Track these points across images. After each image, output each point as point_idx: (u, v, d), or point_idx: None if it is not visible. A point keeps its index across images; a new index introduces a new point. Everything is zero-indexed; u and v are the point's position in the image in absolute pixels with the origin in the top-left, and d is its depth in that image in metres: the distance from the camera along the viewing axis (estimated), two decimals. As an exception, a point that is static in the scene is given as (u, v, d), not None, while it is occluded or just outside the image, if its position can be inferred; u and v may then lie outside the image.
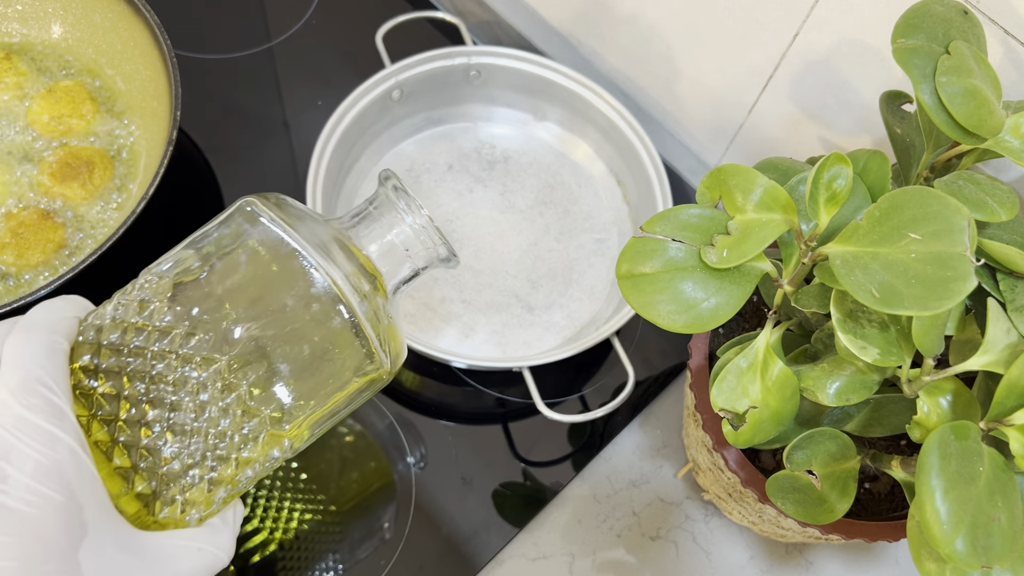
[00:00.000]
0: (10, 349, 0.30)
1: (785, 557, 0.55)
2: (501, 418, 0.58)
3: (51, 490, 0.28)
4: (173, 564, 0.31)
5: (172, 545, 0.32)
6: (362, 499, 0.54)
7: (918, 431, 0.33)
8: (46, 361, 0.30)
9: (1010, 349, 0.31)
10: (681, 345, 0.60)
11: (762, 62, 0.54)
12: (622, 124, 0.61)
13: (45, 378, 0.30)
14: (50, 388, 0.29)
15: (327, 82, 0.68)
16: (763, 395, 0.36)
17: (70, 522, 0.29)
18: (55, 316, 0.32)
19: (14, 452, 0.28)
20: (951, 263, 0.29)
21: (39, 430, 0.29)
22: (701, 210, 0.35)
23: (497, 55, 0.62)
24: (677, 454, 0.57)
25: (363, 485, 0.55)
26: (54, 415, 0.29)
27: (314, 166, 0.56)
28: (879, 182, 0.37)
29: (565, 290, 0.60)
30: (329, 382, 0.34)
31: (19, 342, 0.30)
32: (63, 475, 0.29)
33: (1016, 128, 0.36)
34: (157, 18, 0.57)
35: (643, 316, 0.34)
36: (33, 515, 0.28)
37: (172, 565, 0.31)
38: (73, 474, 0.29)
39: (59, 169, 0.57)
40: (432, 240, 0.37)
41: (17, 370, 0.29)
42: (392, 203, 0.37)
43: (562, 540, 0.54)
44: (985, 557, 0.29)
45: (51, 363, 0.30)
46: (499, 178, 0.64)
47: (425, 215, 0.37)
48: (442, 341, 0.58)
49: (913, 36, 0.36)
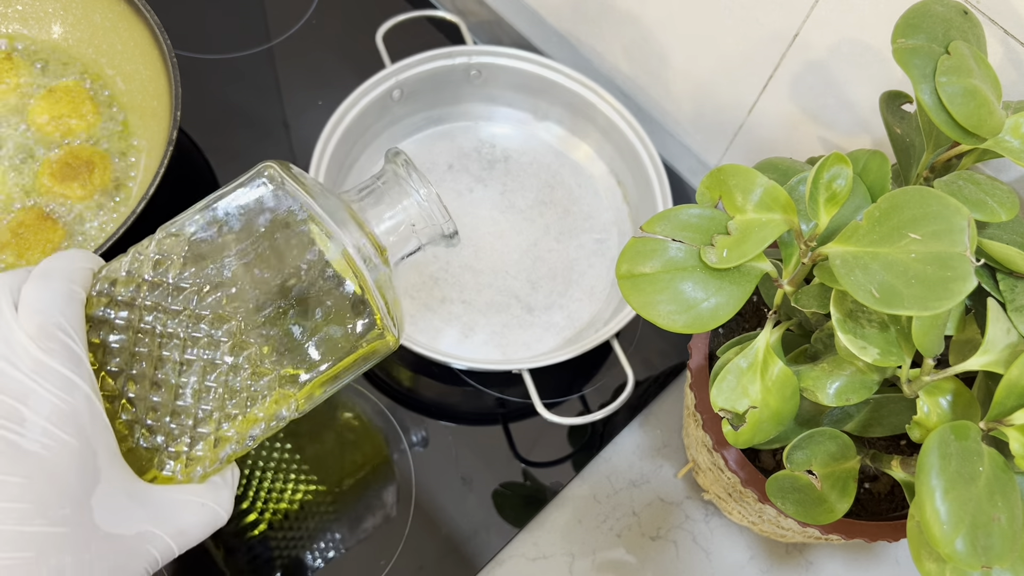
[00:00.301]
0: (30, 295, 0.30)
1: (785, 557, 0.55)
2: (501, 418, 0.58)
3: (67, 435, 0.28)
4: (178, 517, 0.32)
5: (177, 499, 0.32)
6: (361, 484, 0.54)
7: (918, 431, 0.33)
8: (65, 308, 0.30)
9: (1010, 349, 0.31)
10: (681, 345, 0.60)
11: (762, 62, 0.54)
12: (622, 124, 0.61)
13: (64, 324, 0.30)
14: (68, 334, 0.30)
15: (327, 82, 0.68)
16: (763, 395, 0.36)
17: (84, 468, 0.29)
18: (72, 265, 0.32)
19: (32, 396, 0.28)
20: (951, 263, 0.29)
21: (57, 375, 0.29)
22: (701, 210, 0.35)
23: (498, 55, 0.62)
24: (677, 454, 0.57)
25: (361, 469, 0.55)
26: (72, 361, 0.29)
27: (314, 166, 0.56)
28: (879, 182, 0.38)
29: (565, 290, 0.60)
30: (338, 346, 0.34)
31: (38, 288, 0.30)
32: (79, 421, 0.29)
33: (1016, 128, 0.36)
34: (157, 18, 0.57)
35: (643, 316, 0.34)
36: (49, 459, 0.28)
37: (177, 518, 0.32)
38: (88, 421, 0.29)
39: (59, 169, 0.57)
40: (438, 215, 0.38)
41: (37, 315, 0.30)
42: (401, 178, 0.38)
43: (562, 540, 0.54)
44: (985, 557, 0.29)
45: (69, 310, 0.30)
46: (499, 178, 0.64)
47: (433, 190, 0.38)
48: (442, 342, 0.58)
49: (913, 36, 0.36)
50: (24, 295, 0.30)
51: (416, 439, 0.56)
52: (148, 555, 0.30)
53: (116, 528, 0.29)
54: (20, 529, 0.27)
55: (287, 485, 0.54)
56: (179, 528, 0.32)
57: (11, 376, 0.28)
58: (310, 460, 0.55)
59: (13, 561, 0.27)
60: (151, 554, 0.31)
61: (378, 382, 0.58)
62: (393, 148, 0.39)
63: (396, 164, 0.38)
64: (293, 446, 0.55)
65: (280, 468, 0.54)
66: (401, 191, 0.38)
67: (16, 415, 0.28)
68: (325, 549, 0.52)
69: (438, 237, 0.39)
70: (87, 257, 0.33)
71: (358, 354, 0.35)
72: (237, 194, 0.35)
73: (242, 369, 0.33)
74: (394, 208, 0.38)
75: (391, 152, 0.39)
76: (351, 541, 0.53)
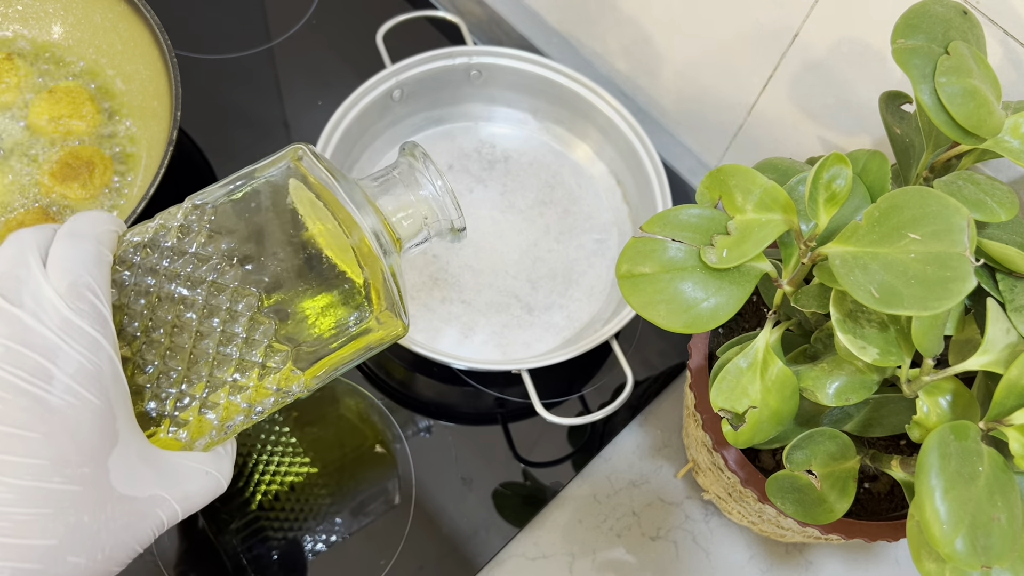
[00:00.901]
0: (60, 252, 0.31)
1: (785, 557, 0.55)
2: (501, 418, 0.58)
3: (91, 394, 0.29)
4: (185, 483, 0.32)
5: (186, 466, 0.32)
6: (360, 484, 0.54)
7: (918, 431, 0.33)
8: (94, 268, 0.31)
9: (1009, 349, 0.31)
10: (681, 345, 0.60)
11: (762, 62, 0.54)
12: (622, 124, 0.61)
13: (93, 284, 0.30)
14: (97, 295, 0.30)
15: (327, 82, 0.68)
16: (763, 395, 0.36)
17: (104, 428, 0.29)
18: (100, 227, 0.32)
19: (59, 353, 0.28)
20: (950, 263, 0.29)
21: (84, 335, 0.29)
22: (701, 210, 0.35)
23: (498, 55, 0.62)
24: (677, 454, 0.57)
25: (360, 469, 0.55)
26: (99, 322, 0.30)
27: (314, 166, 0.56)
28: (879, 182, 0.38)
29: (565, 291, 0.60)
30: (350, 329, 0.35)
31: (70, 247, 0.31)
32: (102, 381, 0.29)
33: (1015, 128, 0.36)
34: (157, 18, 0.57)
35: (643, 316, 0.34)
36: (72, 417, 0.28)
37: (184, 484, 0.32)
38: (111, 382, 0.30)
39: (59, 169, 0.57)
40: (451, 209, 0.39)
41: (68, 274, 0.30)
42: (416, 170, 0.39)
43: (562, 540, 0.54)
44: (985, 557, 0.29)
45: (98, 271, 0.31)
46: (499, 178, 0.64)
47: (448, 184, 0.38)
48: (442, 342, 0.58)
49: (913, 36, 0.36)
50: (54, 253, 0.31)
51: (416, 439, 0.56)
52: (156, 518, 0.31)
53: (130, 490, 0.30)
54: (38, 485, 0.27)
55: (285, 474, 0.54)
56: (185, 494, 0.32)
57: (40, 333, 0.28)
58: (308, 456, 0.55)
59: (30, 517, 0.27)
60: (159, 517, 0.31)
61: (378, 381, 0.58)
62: (410, 141, 0.40)
63: (413, 156, 0.39)
64: (292, 450, 0.55)
65: (279, 468, 0.54)
66: (416, 182, 0.39)
67: (43, 372, 0.28)
68: (325, 548, 0.52)
69: (446, 231, 0.40)
70: (112, 220, 0.34)
71: (369, 338, 0.36)
72: (266, 173, 0.36)
73: (257, 343, 0.34)
74: (408, 198, 0.39)
75: (408, 144, 0.39)
76: (350, 541, 0.53)
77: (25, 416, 0.28)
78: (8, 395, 0.28)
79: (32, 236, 0.31)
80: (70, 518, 0.28)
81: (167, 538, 0.52)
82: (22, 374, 0.28)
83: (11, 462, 0.27)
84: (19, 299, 0.29)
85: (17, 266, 0.30)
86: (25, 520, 0.27)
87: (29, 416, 0.28)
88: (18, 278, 0.29)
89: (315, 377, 0.35)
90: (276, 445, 0.55)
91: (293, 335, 0.34)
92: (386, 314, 0.36)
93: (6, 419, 0.27)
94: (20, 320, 0.28)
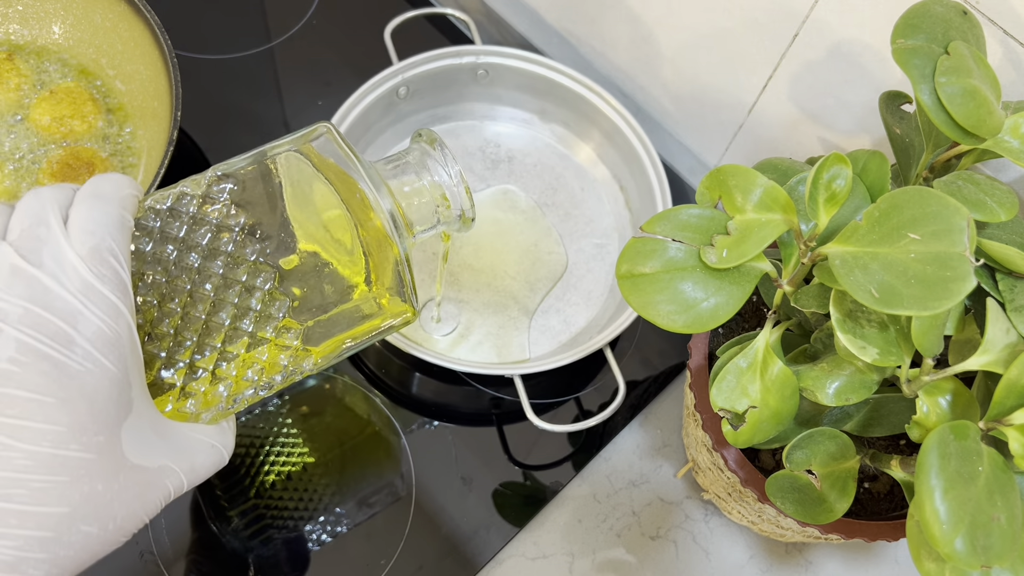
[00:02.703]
0: (82, 214, 0.30)
1: (785, 556, 0.55)
2: (496, 419, 0.58)
3: (109, 361, 0.28)
4: (193, 455, 0.32)
5: (193, 438, 0.32)
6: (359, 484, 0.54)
7: (917, 431, 0.33)
8: (116, 233, 0.30)
9: (1009, 349, 0.31)
10: (681, 345, 0.60)
11: (762, 62, 0.54)
12: (625, 128, 0.61)
13: (115, 249, 0.29)
14: (118, 260, 0.29)
15: (327, 82, 0.68)
16: (763, 395, 0.36)
17: (120, 396, 0.29)
18: (122, 191, 0.31)
19: (80, 318, 0.28)
20: (950, 263, 0.29)
21: (105, 300, 0.28)
22: (701, 210, 0.35)
23: (505, 55, 0.62)
24: (677, 454, 0.57)
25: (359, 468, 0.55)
26: (120, 288, 0.29)
27: (314, 166, 0.56)
28: (878, 182, 0.38)
29: (563, 294, 0.60)
30: (364, 308, 0.35)
31: (91, 209, 0.30)
32: (121, 348, 0.29)
33: (1015, 128, 0.36)
34: (157, 18, 0.57)
35: (643, 316, 0.34)
36: (91, 383, 0.28)
37: (192, 456, 0.32)
38: (128, 350, 0.29)
39: (59, 170, 0.57)
40: (463, 197, 0.39)
41: (90, 237, 0.29)
42: (430, 156, 0.38)
43: (562, 540, 0.54)
44: (984, 557, 0.29)
45: (120, 236, 0.30)
46: (503, 178, 0.64)
47: (460, 171, 0.38)
48: (438, 342, 0.58)
49: (913, 36, 0.36)
50: (76, 214, 0.30)
51: (416, 439, 0.56)
52: (164, 488, 0.31)
53: (142, 460, 0.29)
54: (55, 452, 0.27)
55: (287, 475, 0.54)
56: (192, 465, 0.32)
57: (60, 296, 0.28)
58: (308, 455, 0.55)
59: (47, 485, 0.27)
60: (167, 488, 0.31)
61: (378, 380, 0.58)
62: (422, 128, 0.40)
63: (427, 142, 0.39)
64: (292, 449, 0.55)
65: (280, 467, 0.54)
66: (429, 169, 0.38)
67: (64, 336, 0.27)
68: (325, 548, 0.52)
69: (456, 219, 0.40)
70: (132, 184, 0.33)
71: (381, 320, 0.36)
72: (291, 149, 0.36)
73: (271, 319, 0.33)
74: (420, 184, 0.38)
75: (423, 131, 0.39)
76: (351, 541, 0.53)
77: (44, 381, 0.27)
78: (27, 359, 0.27)
79: (52, 194, 0.30)
80: (84, 487, 0.28)
81: (167, 538, 0.52)
82: (42, 338, 0.27)
83: (29, 427, 0.27)
84: (39, 260, 0.28)
85: (37, 224, 0.29)
86: (42, 487, 0.27)
87: (48, 381, 0.27)
88: (38, 238, 0.28)
89: (324, 356, 0.35)
90: (275, 445, 0.55)
91: (309, 311, 0.34)
92: (392, 299, 0.36)
93: (25, 383, 0.27)
94: (40, 282, 0.28)
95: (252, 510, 0.53)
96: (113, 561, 0.51)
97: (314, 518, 0.53)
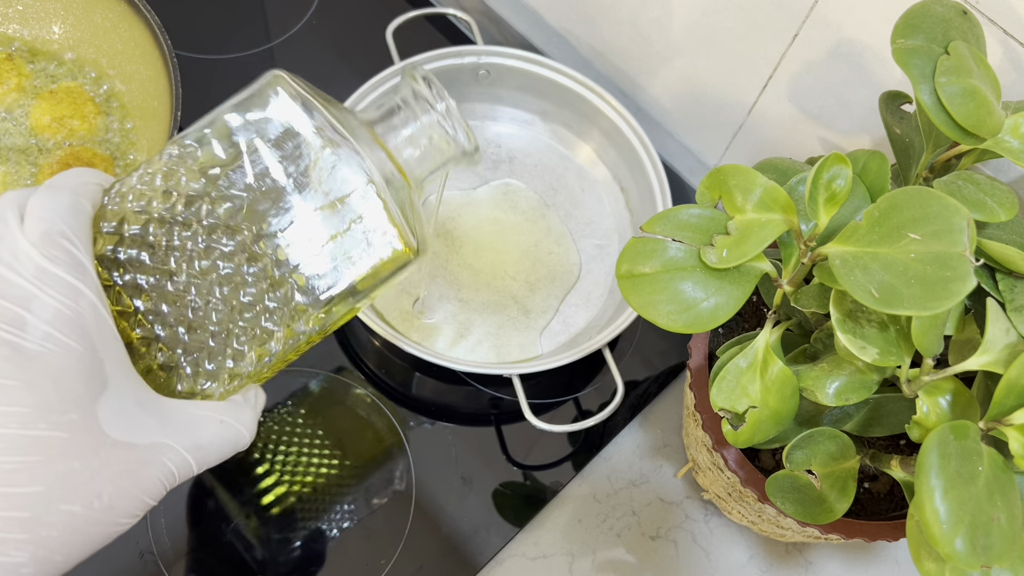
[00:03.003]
0: (34, 204, 0.30)
1: (785, 557, 0.55)
2: (495, 419, 0.58)
3: (70, 339, 0.28)
4: (194, 431, 0.32)
5: (193, 413, 0.32)
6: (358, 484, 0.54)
7: (917, 431, 0.33)
8: (69, 217, 0.30)
9: (1009, 349, 0.31)
10: (681, 345, 0.60)
11: (762, 62, 0.54)
12: (625, 128, 0.61)
13: (67, 232, 0.30)
14: (72, 242, 0.30)
15: (327, 83, 0.67)
16: (763, 395, 0.36)
17: (90, 373, 0.29)
18: (80, 180, 0.32)
19: (34, 301, 0.28)
20: (950, 263, 0.29)
21: (60, 281, 0.29)
22: (701, 210, 0.35)
23: (507, 56, 0.62)
24: (677, 454, 0.57)
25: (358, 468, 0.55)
26: (76, 268, 0.29)
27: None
28: (878, 182, 0.38)
29: (562, 295, 0.60)
30: (353, 260, 0.34)
31: (44, 199, 0.30)
32: (84, 327, 0.29)
33: (1015, 128, 0.36)
34: (157, 18, 0.57)
35: (643, 316, 0.34)
36: (53, 363, 0.28)
37: (193, 432, 0.31)
38: (94, 328, 0.29)
39: (59, 170, 0.57)
40: (457, 129, 0.37)
41: (40, 223, 0.29)
42: (419, 94, 0.37)
43: (562, 540, 0.54)
44: (984, 557, 0.29)
45: (74, 219, 0.30)
46: (503, 178, 0.64)
47: (452, 103, 0.37)
48: (437, 341, 0.58)
49: (913, 36, 0.36)
50: (30, 206, 0.30)
51: (416, 438, 0.56)
52: (163, 467, 0.30)
53: (126, 436, 0.29)
54: (23, 433, 0.27)
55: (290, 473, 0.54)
56: (196, 443, 0.31)
57: (13, 282, 0.28)
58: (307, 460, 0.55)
59: (18, 465, 0.27)
60: (166, 466, 0.30)
61: (377, 380, 0.58)
62: (409, 65, 0.38)
63: (415, 80, 0.37)
64: (292, 446, 0.55)
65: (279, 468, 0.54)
66: (420, 107, 0.37)
67: (18, 320, 0.28)
68: (325, 547, 0.52)
69: (459, 155, 0.38)
70: (95, 174, 0.33)
71: (375, 271, 0.35)
72: (248, 105, 0.35)
73: (258, 280, 0.33)
74: (413, 124, 0.37)
75: (408, 67, 0.38)
76: (350, 540, 0.53)
77: (4, 365, 0.27)
78: None
79: (12, 195, 0.31)
80: (59, 465, 0.28)
81: (167, 538, 0.52)
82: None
83: None
84: None
85: None
86: (12, 468, 0.27)
87: (6, 364, 0.27)
88: None
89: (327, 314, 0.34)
90: (275, 444, 0.55)
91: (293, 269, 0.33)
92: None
93: None
94: None
95: (252, 510, 0.53)
96: (113, 561, 0.51)
97: (314, 518, 0.53)
